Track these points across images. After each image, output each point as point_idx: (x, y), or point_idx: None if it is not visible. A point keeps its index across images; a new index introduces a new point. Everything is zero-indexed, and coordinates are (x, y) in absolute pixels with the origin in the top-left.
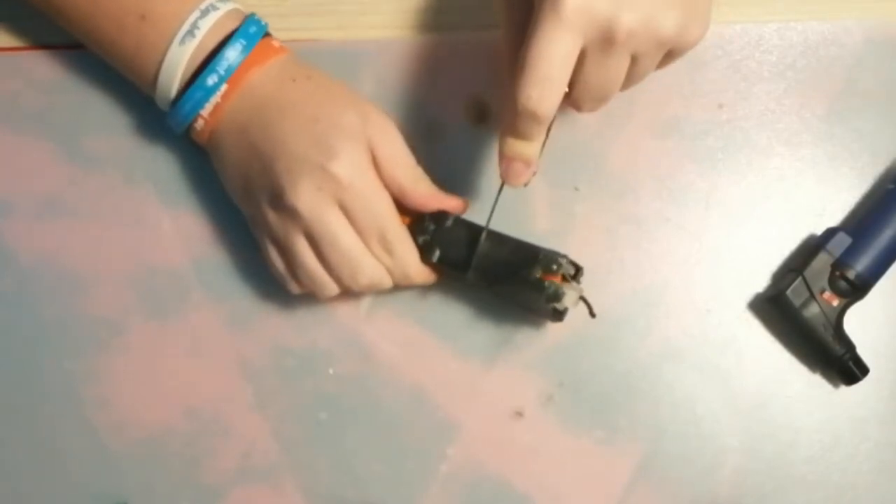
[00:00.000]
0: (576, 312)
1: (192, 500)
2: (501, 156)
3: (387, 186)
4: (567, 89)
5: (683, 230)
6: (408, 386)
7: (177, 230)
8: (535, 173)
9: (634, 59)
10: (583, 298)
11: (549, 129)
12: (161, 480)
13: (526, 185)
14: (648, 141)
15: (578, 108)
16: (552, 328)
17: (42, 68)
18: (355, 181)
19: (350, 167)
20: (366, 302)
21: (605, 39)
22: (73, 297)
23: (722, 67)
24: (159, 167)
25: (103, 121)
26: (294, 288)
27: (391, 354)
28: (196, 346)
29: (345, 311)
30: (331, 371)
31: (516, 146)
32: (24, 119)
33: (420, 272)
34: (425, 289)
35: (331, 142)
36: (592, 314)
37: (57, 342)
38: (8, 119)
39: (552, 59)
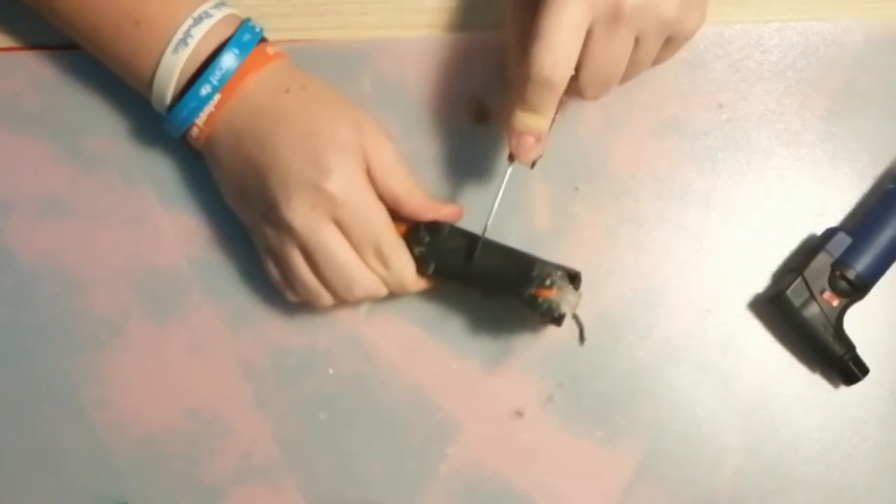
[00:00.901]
0: (576, 311)
1: (192, 500)
2: (511, 131)
3: (382, 196)
4: (573, 72)
5: (683, 230)
6: (408, 386)
7: (176, 230)
8: (541, 155)
9: (637, 42)
10: (576, 318)
11: (554, 116)
12: (161, 480)
13: (533, 165)
14: (648, 141)
15: (583, 93)
16: (552, 328)
17: (42, 68)
18: (349, 197)
19: (344, 184)
20: (365, 303)
21: (612, 15)
22: (73, 297)
23: (722, 67)
24: (159, 167)
25: (103, 121)
26: (291, 297)
27: (391, 355)
28: (196, 346)
29: (345, 312)
30: (331, 371)
31: (527, 119)
32: (24, 119)
33: (415, 282)
34: (425, 291)
35: (325, 157)
36: (582, 339)
37: (56, 342)
38: (8, 119)
39: (564, 27)
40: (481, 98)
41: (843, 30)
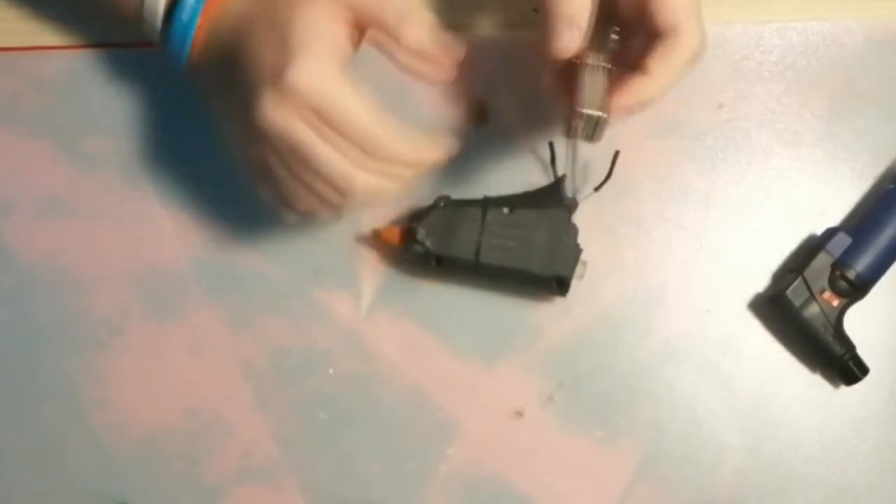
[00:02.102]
0: (576, 311)
1: (192, 500)
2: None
3: (378, 29)
4: None
5: (683, 230)
6: (408, 386)
7: (176, 230)
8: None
9: None
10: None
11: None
12: (161, 480)
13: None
14: (648, 141)
15: None
16: (552, 328)
17: (42, 68)
18: (314, 84)
19: (307, 71)
20: (366, 301)
21: None
22: (73, 297)
23: (722, 67)
24: (159, 167)
25: (103, 121)
26: (293, 217)
27: (391, 355)
28: (196, 346)
29: (345, 311)
30: (331, 371)
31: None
32: (24, 119)
33: (426, 147)
34: (425, 289)
35: (286, 47)
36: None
37: (56, 342)
38: (8, 119)
39: None
40: (482, 99)
41: (843, 30)
